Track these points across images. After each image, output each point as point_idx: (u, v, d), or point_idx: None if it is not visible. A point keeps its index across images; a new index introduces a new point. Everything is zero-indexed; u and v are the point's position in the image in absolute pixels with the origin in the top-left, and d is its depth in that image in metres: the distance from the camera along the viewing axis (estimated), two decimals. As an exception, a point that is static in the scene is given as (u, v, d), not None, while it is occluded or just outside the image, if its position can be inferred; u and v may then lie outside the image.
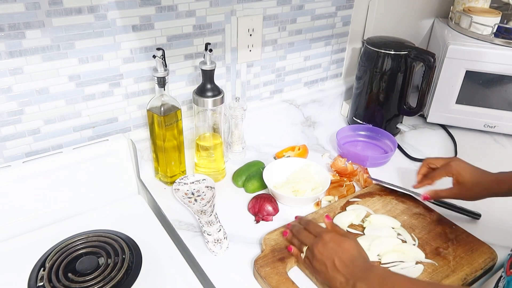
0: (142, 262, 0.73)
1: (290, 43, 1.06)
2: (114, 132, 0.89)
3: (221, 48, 0.95)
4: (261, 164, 0.95)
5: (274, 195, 0.86)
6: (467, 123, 1.17)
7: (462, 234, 0.78)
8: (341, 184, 0.91)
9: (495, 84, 1.10)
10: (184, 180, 0.89)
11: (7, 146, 0.78)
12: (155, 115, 0.82)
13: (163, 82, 0.80)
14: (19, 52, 0.72)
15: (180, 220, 0.82)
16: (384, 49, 1.04)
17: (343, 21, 1.14)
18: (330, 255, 0.62)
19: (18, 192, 0.76)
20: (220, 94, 0.85)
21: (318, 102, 1.19)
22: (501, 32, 1.14)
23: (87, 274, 0.68)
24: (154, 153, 0.90)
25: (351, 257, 0.62)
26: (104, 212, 0.84)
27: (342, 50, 1.19)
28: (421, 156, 1.06)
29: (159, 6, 0.82)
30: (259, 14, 0.97)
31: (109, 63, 0.81)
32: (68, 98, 0.80)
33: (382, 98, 1.10)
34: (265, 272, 0.68)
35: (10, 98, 0.74)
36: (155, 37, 0.84)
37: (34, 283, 0.68)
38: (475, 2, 1.24)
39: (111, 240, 0.75)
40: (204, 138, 0.91)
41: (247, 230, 0.80)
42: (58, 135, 0.82)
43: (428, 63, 1.00)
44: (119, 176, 0.87)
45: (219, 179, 0.94)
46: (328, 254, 0.63)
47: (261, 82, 1.07)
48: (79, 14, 0.74)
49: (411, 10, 1.28)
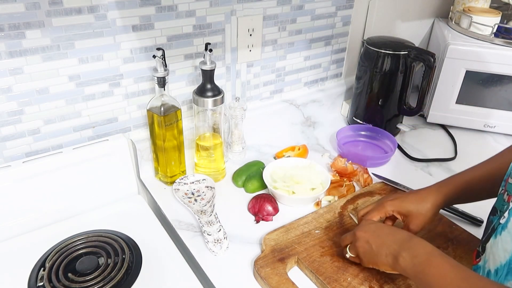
0: (142, 262, 0.73)
1: (290, 43, 1.06)
2: (114, 132, 0.89)
3: (221, 48, 0.95)
4: (261, 164, 0.95)
5: (274, 195, 0.86)
6: (467, 123, 1.17)
7: (462, 234, 0.78)
8: (341, 184, 0.91)
9: (495, 84, 1.10)
10: (184, 180, 0.89)
11: (7, 146, 0.78)
12: (155, 115, 0.82)
13: (163, 82, 0.80)
14: (19, 52, 0.72)
15: (180, 220, 0.82)
16: (384, 49, 1.04)
17: (343, 21, 1.14)
18: (372, 232, 0.64)
19: (18, 192, 0.76)
20: (220, 94, 0.85)
21: (318, 102, 1.19)
22: (501, 32, 1.14)
23: (87, 274, 0.68)
24: (154, 153, 0.90)
25: (392, 230, 0.63)
26: (104, 212, 0.84)
27: (342, 50, 1.19)
28: (421, 156, 1.06)
29: (159, 6, 0.82)
30: (259, 14, 0.97)
31: (109, 63, 0.81)
32: (68, 98, 0.80)
33: (382, 98, 1.10)
34: (265, 272, 0.68)
35: (10, 98, 0.74)
36: (155, 37, 0.84)
37: (34, 283, 0.68)
38: (475, 2, 1.24)
39: (111, 240, 0.75)
40: (204, 138, 0.91)
41: (247, 230, 0.80)
42: (58, 135, 0.82)
43: (428, 63, 1.00)
44: (119, 176, 0.87)
45: (219, 179, 0.94)
46: (370, 232, 0.65)
47: (261, 82, 1.07)
48: (79, 14, 0.74)
49: (411, 10, 1.28)
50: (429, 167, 1.03)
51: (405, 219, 0.70)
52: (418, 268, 0.55)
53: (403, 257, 0.57)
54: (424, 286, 0.55)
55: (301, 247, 0.73)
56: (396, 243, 0.60)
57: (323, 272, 0.68)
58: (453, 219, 0.83)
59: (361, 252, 0.65)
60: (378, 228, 0.65)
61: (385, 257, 0.60)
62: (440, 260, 0.54)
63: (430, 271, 0.53)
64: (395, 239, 0.60)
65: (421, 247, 0.57)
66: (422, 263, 0.55)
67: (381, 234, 0.63)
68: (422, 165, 1.03)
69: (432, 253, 0.56)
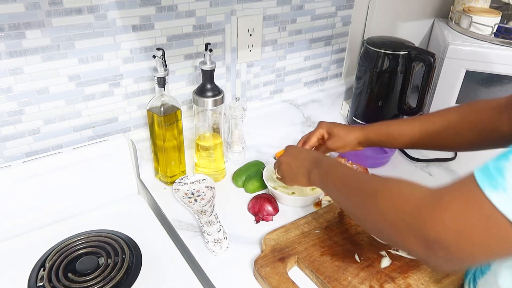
0: (142, 262, 0.73)
1: (290, 43, 1.06)
2: (114, 132, 0.89)
3: (221, 48, 0.95)
4: (261, 164, 0.95)
5: (274, 195, 0.86)
6: (467, 123, 1.17)
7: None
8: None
9: (495, 84, 1.10)
10: (184, 180, 0.89)
11: (7, 146, 0.78)
12: (155, 115, 0.82)
13: (163, 82, 0.80)
14: (19, 52, 0.72)
15: (180, 220, 0.82)
16: (384, 49, 1.04)
17: (343, 21, 1.14)
18: (292, 155, 0.76)
19: (18, 192, 0.76)
20: (220, 94, 0.85)
21: (318, 102, 1.19)
22: (501, 32, 1.14)
23: (87, 274, 0.68)
24: (154, 153, 0.90)
25: (307, 153, 0.75)
26: (104, 212, 0.84)
27: (342, 50, 1.19)
28: (421, 156, 1.06)
29: (159, 6, 0.82)
30: (259, 14, 0.97)
31: (109, 63, 0.81)
32: (68, 98, 0.80)
33: (382, 98, 1.10)
34: (265, 272, 0.68)
35: (10, 98, 0.74)
36: (155, 37, 0.84)
37: (34, 283, 0.68)
38: (475, 2, 1.24)
39: (111, 240, 0.75)
40: (204, 138, 0.91)
41: (247, 230, 0.80)
42: (58, 135, 0.82)
43: (428, 63, 1.00)
44: (119, 176, 0.87)
45: (219, 179, 0.94)
46: (290, 155, 0.77)
47: (261, 82, 1.07)
48: (79, 14, 0.74)
49: (411, 10, 1.28)
50: (429, 167, 1.03)
51: (329, 137, 0.84)
52: (324, 177, 0.66)
53: (313, 173, 0.68)
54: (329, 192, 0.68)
55: (301, 247, 0.73)
56: (310, 162, 0.71)
57: (323, 272, 0.68)
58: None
59: (285, 174, 0.77)
60: (298, 151, 0.77)
61: (302, 176, 0.72)
62: (339, 167, 0.65)
63: (331, 178, 0.64)
64: (309, 159, 0.71)
65: (326, 161, 0.68)
66: (326, 173, 0.66)
67: (299, 157, 0.74)
68: (422, 165, 1.03)
69: (334, 164, 0.66)
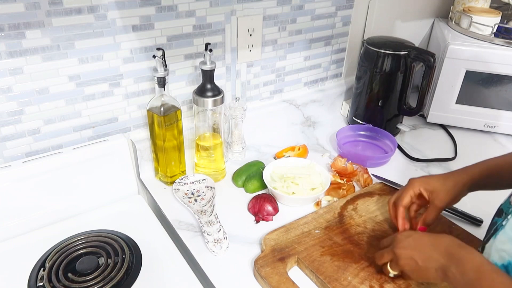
0: (142, 262, 0.73)
1: (290, 43, 1.06)
2: (114, 132, 0.89)
3: (221, 48, 0.95)
4: (261, 164, 0.95)
5: (274, 195, 0.86)
6: (467, 123, 1.17)
7: (461, 234, 0.78)
8: (339, 186, 0.91)
9: (495, 84, 1.10)
10: (184, 180, 0.89)
11: (7, 146, 0.78)
12: (155, 115, 0.82)
13: (163, 82, 0.80)
14: (19, 52, 0.72)
15: (180, 220, 0.82)
16: (384, 49, 1.04)
17: (343, 21, 1.14)
18: (413, 247, 0.61)
19: (18, 192, 0.76)
20: (220, 94, 0.85)
21: (318, 102, 1.19)
22: (501, 32, 1.14)
23: (87, 274, 0.68)
24: (154, 153, 0.90)
25: (432, 239, 0.60)
26: (104, 212, 0.84)
27: (342, 50, 1.19)
28: (421, 156, 1.06)
29: (159, 6, 0.82)
30: (259, 14, 0.97)
31: (109, 63, 0.81)
32: (68, 98, 0.80)
33: (382, 98, 1.10)
34: (265, 272, 0.68)
35: (10, 98, 0.74)
36: (155, 37, 0.84)
37: (34, 283, 0.68)
38: (475, 2, 1.24)
39: (111, 240, 0.75)
40: (204, 138, 0.91)
41: (247, 230, 0.80)
42: (58, 135, 0.82)
43: (428, 63, 1.00)
44: (119, 176, 0.87)
45: (219, 179, 0.94)
46: (410, 247, 0.62)
47: (261, 82, 1.07)
48: (79, 14, 0.74)
49: (411, 10, 1.28)
50: (429, 167, 1.03)
51: (431, 195, 0.72)
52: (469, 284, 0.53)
53: (452, 273, 0.55)
54: None
55: (301, 246, 0.73)
56: (442, 255, 0.57)
57: (323, 272, 0.68)
58: (453, 219, 0.83)
59: (408, 270, 0.62)
60: (417, 241, 0.62)
61: (434, 272, 0.58)
62: (490, 276, 0.52)
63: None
64: (440, 251, 0.58)
65: (469, 261, 0.54)
66: (473, 281, 0.52)
67: (423, 248, 0.60)
68: (422, 165, 1.03)
69: (481, 268, 0.53)
